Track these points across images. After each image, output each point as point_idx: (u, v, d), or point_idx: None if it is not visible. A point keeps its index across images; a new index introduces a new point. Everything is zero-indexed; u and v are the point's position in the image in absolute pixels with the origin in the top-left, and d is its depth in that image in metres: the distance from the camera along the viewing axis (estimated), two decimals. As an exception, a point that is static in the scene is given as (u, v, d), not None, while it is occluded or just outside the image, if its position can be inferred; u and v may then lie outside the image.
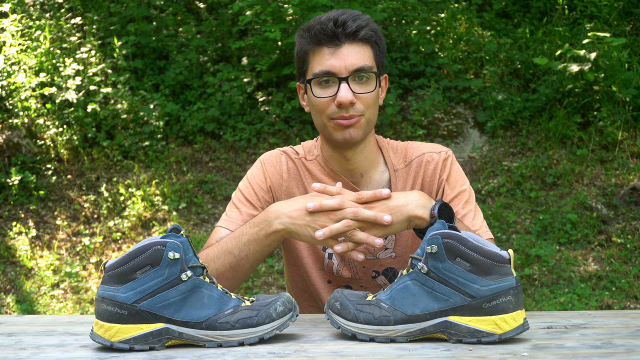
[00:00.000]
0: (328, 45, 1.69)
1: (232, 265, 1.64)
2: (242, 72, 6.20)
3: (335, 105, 1.68)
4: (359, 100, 1.69)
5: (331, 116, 1.70)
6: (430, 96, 5.95)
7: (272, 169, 1.85)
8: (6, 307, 4.73)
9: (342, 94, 1.66)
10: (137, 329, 1.33)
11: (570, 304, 4.36)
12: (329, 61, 1.68)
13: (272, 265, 5.01)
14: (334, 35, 1.68)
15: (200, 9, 7.24)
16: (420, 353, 1.27)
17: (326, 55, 1.69)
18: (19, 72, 6.09)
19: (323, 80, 1.70)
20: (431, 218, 1.55)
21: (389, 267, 1.83)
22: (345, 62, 1.67)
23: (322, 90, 1.70)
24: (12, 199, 5.54)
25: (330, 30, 1.67)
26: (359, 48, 1.69)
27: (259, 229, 1.61)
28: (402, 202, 1.58)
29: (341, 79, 1.67)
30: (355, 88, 1.69)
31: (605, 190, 5.31)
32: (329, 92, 1.70)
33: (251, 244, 1.62)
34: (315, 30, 1.69)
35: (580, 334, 1.39)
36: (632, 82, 5.83)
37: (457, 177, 1.81)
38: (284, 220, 1.58)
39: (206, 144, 5.91)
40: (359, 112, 1.69)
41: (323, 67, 1.69)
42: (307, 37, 1.72)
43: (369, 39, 1.71)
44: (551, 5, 7.18)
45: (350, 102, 1.67)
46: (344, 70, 1.67)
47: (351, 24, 1.68)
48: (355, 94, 1.68)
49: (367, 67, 1.69)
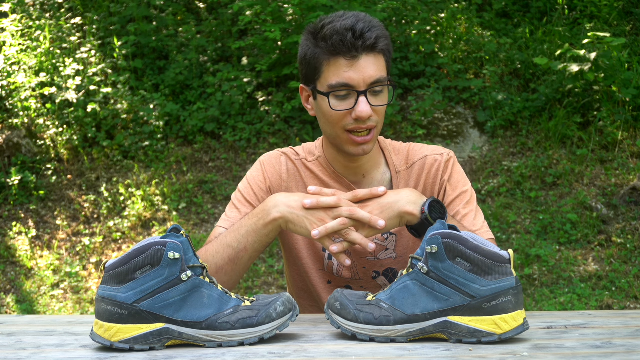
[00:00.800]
0: (346, 57, 1.64)
1: (231, 259, 1.64)
2: (242, 72, 6.20)
3: (353, 118, 1.67)
4: (375, 112, 1.68)
5: (346, 127, 1.68)
6: (430, 96, 5.95)
7: (271, 170, 1.85)
8: (6, 307, 4.73)
9: (362, 108, 1.64)
10: (137, 329, 1.33)
11: (570, 304, 4.36)
12: (347, 73, 1.64)
13: (272, 265, 5.01)
14: (353, 47, 1.63)
15: (200, 9, 7.24)
16: (420, 353, 1.27)
17: (344, 67, 1.65)
18: (19, 72, 6.09)
19: (342, 94, 1.67)
20: (422, 214, 1.55)
21: (389, 267, 1.83)
22: (364, 75, 1.64)
23: (339, 103, 1.68)
24: (12, 199, 5.54)
25: (350, 42, 1.63)
26: (375, 59, 1.66)
27: (258, 219, 1.63)
28: (393, 199, 1.60)
29: (360, 93, 1.65)
30: (372, 101, 1.67)
31: (605, 190, 5.31)
32: (346, 104, 1.67)
33: (249, 234, 1.63)
34: (333, 40, 1.64)
35: (580, 334, 1.39)
36: (632, 82, 5.83)
37: (459, 178, 1.81)
38: (282, 209, 1.59)
39: (206, 144, 5.91)
40: (375, 123, 1.69)
41: (341, 80, 1.65)
42: (324, 47, 1.66)
43: (383, 49, 1.68)
44: (551, 5, 7.18)
45: (370, 116, 1.66)
46: (362, 83, 1.65)
47: (369, 35, 1.64)
48: (373, 106, 1.67)
49: (383, 78, 1.67)
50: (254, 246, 1.64)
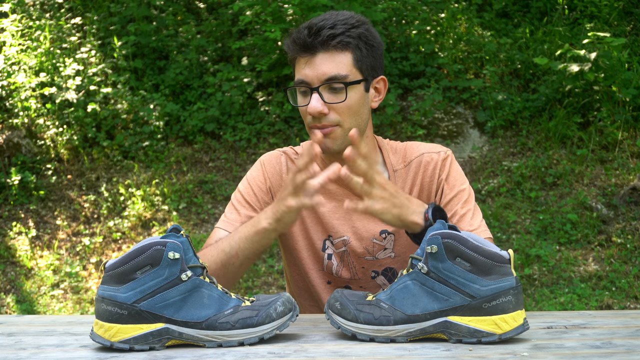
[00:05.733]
0: (303, 55, 1.67)
1: (223, 264, 1.65)
2: (242, 72, 6.20)
3: (309, 114, 1.68)
4: (333, 110, 1.66)
5: (309, 124, 1.70)
6: (430, 96, 5.95)
7: (272, 170, 1.85)
8: (6, 307, 4.73)
9: (312, 104, 1.64)
10: (137, 329, 1.33)
11: (570, 304, 4.36)
12: (304, 70, 1.66)
13: (272, 265, 5.01)
14: (306, 44, 1.65)
15: (200, 9, 7.24)
16: (420, 353, 1.27)
17: (302, 64, 1.67)
18: (19, 72, 6.09)
19: (301, 90, 1.70)
20: (425, 221, 1.54)
21: (388, 267, 1.83)
22: (317, 72, 1.65)
23: (301, 99, 1.71)
24: (12, 199, 5.54)
25: (303, 40, 1.65)
26: (334, 56, 1.65)
27: (251, 226, 1.63)
28: (405, 204, 1.55)
29: (312, 89, 1.66)
30: (329, 97, 1.66)
31: (605, 190, 5.31)
32: (305, 101, 1.69)
33: (241, 241, 1.64)
34: (293, 37, 1.68)
35: (580, 334, 1.39)
36: (632, 82, 5.83)
37: (456, 176, 1.81)
38: (268, 214, 1.60)
39: (206, 144, 5.91)
40: (333, 122, 1.67)
41: (300, 76, 1.68)
42: (289, 45, 1.70)
43: (346, 46, 1.66)
44: (551, 5, 7.19)
45: (320, 112, 1.65)
46: (316, 79, 1.65)
47: (326, 31, 1.64)
48: (327, 103, 1.66)
49: (340, 76, 1.64)
50: (245, 252, 1.64)
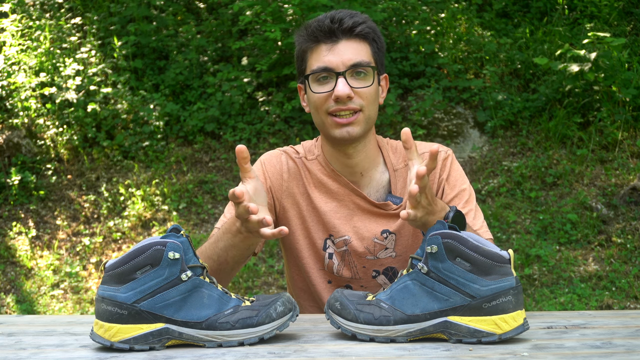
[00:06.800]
0: (325, 42, 1.70)
1: (212, 270, 1.67)
2: (242, 72, 6.20)
3: (333, 99, 1.69)
4: (357, 94, 1.70)
5: (328, 110, 1.70)
6: (430, 96, 5.95)
7: (272, 169, 1.85)
8: (6, 307, 4.73)
9: (340, 87, 1.67)
10: (137, 329, 1.33)
11: (570, 304, 4.35)
12: (327, 57, 1.70)
13: (272, 265, 5.00)
14: (330, 32, 1.70)
15: (200, 9, 7.24)
16: (420, 353, 1.27)
17: (323, 52, 1.70)
18: (19, 72, 6.09)
19: (321, 76, 1.71)
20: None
21: (389, 266, 1.83)
22: (343, 58, 1.69)
23: (320, 87, 1.71)
24: (12, 199, 5.54)
25: (327, 27, 1.69)
26: (356, 44, 1.71)
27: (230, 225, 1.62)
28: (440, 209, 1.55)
29: (338, 74, 1.68)
30: (353, 83, 1.69)
31: (605, 190, 5.31)
32: (326, 87, 1.70)
33: (228, 248, 1.64)
34: (313, 27, 1.72)
35: (580, 334, 1.39)
36: (632, 82, 5.83)
37: (457, 176, 1.81)
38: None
39: (206, 144, 5.91)
40: (358, 105, 1.70)
41: (320, 64, 1.70)
42: (305, 35, 1.74)
43: (366, 36, 1.72)
44: (551, 5, 7.18)
45: (348, 95, 1.67)
46: (341, 65, 1.69)
47: (348, 20, 1.70)
48: (353, 88, 1.69)
49: (364, 62, 1.70)
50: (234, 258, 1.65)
